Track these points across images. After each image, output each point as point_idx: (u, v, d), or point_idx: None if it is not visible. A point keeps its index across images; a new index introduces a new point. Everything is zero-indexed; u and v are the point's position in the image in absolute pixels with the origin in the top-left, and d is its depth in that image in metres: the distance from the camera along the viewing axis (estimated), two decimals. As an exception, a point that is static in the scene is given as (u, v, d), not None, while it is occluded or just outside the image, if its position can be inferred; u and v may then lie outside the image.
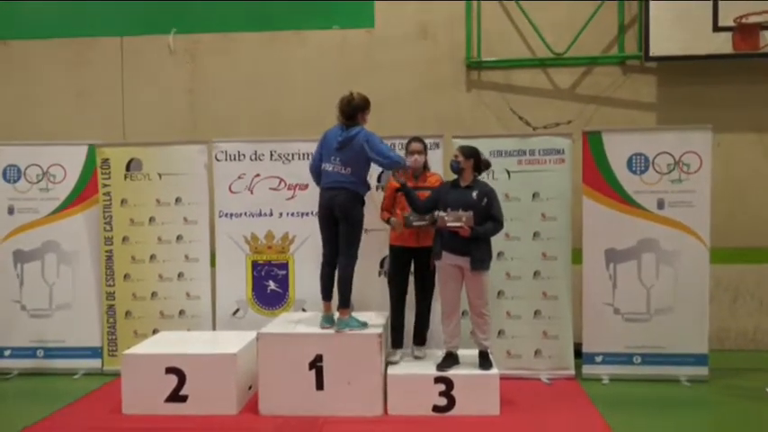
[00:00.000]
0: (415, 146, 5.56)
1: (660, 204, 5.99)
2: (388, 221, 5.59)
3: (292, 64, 7.37)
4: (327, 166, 5.31)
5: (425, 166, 5.64)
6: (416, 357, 5.54)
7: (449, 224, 5.09)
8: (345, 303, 5.31)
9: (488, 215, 5.21)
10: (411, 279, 5.66)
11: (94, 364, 6.51)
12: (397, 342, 5.55)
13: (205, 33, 7.49)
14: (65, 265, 6.59)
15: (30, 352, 6.56)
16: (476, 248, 5.15)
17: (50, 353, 6.55)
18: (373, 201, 5.86)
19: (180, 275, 6.46)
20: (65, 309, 6.57)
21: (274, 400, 5.17)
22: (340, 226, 5.26)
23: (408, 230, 5.40)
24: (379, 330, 5.23)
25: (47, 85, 7.62)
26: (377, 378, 5.14)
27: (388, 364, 5.35)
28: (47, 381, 6.34)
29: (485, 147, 5.71)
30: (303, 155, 6.25)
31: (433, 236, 5.38)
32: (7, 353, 6.58)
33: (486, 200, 5.22)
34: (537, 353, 6.04)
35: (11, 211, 6.63)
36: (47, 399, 5.80)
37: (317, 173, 5.44)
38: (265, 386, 5.19)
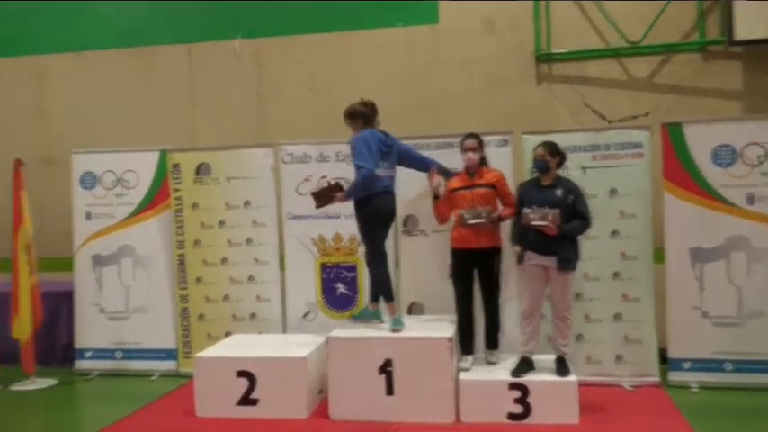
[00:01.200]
0: (469, 143, 5.37)
1: (750, 199, 5.61)
2: (444, 222, 5.47)
3: (357, 64, 7.31)
4: (380, 171, 5.31)
5: (483, 162, 5.44)
6: (489, 362, 5.36)
7: (534, 222, 4.90)
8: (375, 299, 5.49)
9: (575, 213, 5.00)
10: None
11: (170, 365, 6.61)
12: (467, 347, 5.39)
13: (270, 37, 7.51)
14: (140, 269, 6.72)
15: (109, 353, 6.72)
16: (563, 248, 4.96)
17: (128, 354, 6.70)
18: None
19: (250, 278, 6.48)
20: (141, 311, 6.70)
21: (345, 405, 5.10)
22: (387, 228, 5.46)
23: (469, 231, 5.23)
24: (449, 334, 5.09)
25: (119, 94, 7.81)
26: (448, 383, 5.00)
27: (459, 370, 5.20)
28: (125, 382, 6.49)
29: (557, 142, 5.48)
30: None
31: (492, 234, 5.23)
32: (88, 354, 6.76)
33: (572, 197, 5.02)
34: (618, 358, 5.76)
35: (88, 216, 6.81)
36: (124, 400, 5.92)
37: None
38: (335, 390, 5.14)
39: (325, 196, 5.39)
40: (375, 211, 5.34)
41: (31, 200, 6.49)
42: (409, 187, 6.00)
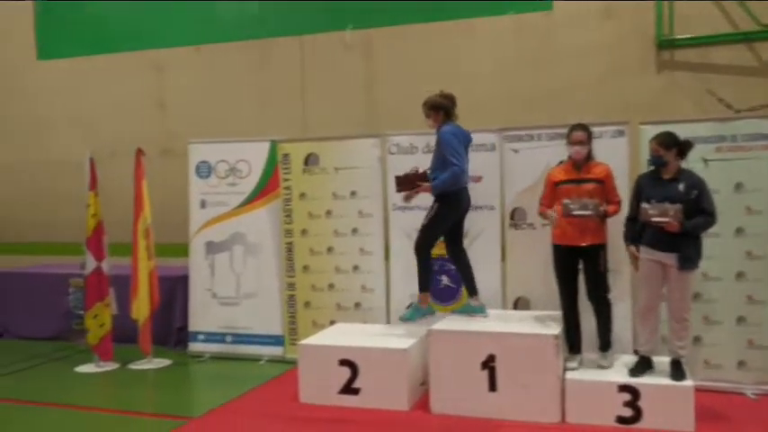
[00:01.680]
0: (577, 135, 5.11)
1: None
2: (544, 216, 5.24)
3: (466, 53, 7.18)
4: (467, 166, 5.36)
5: (589, 156, 5.18)
6: (600, 366, 5.05)
7: (654, 219, 4.64)
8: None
9: (698, 208, 4.70)
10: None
11: (277, 351, 6.76)
12: (573, 347, 5.18)
13: (380, 27, 7.51)
14: (251, 256, 6.90)
15: (220, 337, 6.95)
16: (685, 245, 4.67)
17: (238, 339, 6.90)
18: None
19: (355, 268, 6.52)
20: (251, 297, 6.89)
21: (446, 399, 5.03)
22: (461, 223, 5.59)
23: (573, 227, 5.00)
24: (556, 332, 4.91)
25: (233, 86, 8.05)
26: (554, 382, 4.83)
27: (566, 369, 5.01)
28: (234, 365, 6.69)
29: (678, 133, 5.15)
30: (476, 146, 6.04)
31: (597, 231, 4.99)
32: (201, 337, 7.02)
33: (695, 192, 4.71)
34: (741, 364, 5.37)
35: (203, 204, 7.06)
36: (234, 382, 6.11)
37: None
38: (437, 383, 5.08)
39: (409, 182, 5.43)
40: (458, 206, 5.43)
41: (151, 188, 6.80)
42: (517, 179, 5.84)
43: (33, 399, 5.72)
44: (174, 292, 7.23)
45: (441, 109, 5.44)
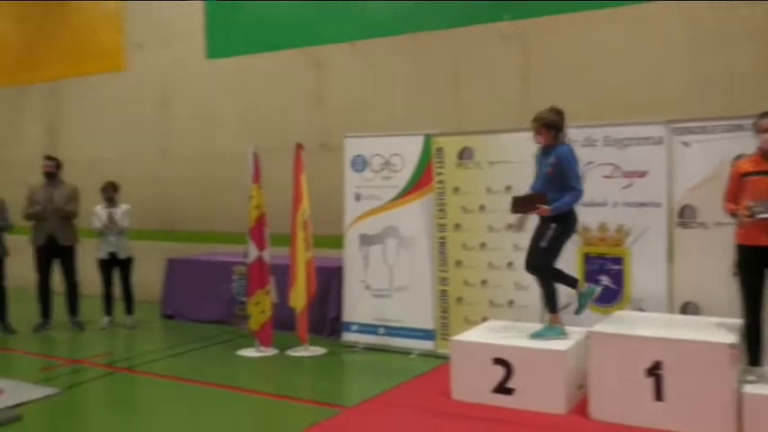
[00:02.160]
0: (767, 122, 4.67)
1: None
2: (734, 215, 4.81)
3: (627, 41, 6.79)
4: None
5: None
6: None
7: None
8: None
9: None
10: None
11: (428, 345, 6.76)
12: (753, 358, 4.75)
13: (536, 17, 7.27)
14: (403, 250, 6.94)
15: (372, 329, 7.05)
16: None
17: (390, 331, 6.97)
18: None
19: (509, 265, 6.37)
20: (403, 291, 6.93)
21: (606, 405, 4.79)
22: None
23: (758, 227, 4.56)
24: (731, 340, 4.53)
25: (388, 80, 8.12)
26: (728, 395, 4.45)
27: (744, 382, 4.60)
28: (385, 357, 6.76)
29: None
30: (640, 140, 5.72)
31: None
32: (354, 328, 7.16)
33: None
34: None
35: (358, 197, 7.18)
36: (385, 374, 6.18)
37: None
38: (596, 388, 4.85)
39: (528, 204, 5.28)
40: (574, 225, 5.37)
41: (309, 181, 7.01)
42: (687, 174, 5.46)
43: (200, 378, 6.08)
44: (329, 282, 7.42)
45: (554, 128, 5.28)
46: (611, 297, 5.89)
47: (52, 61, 10.80)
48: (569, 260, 5.99)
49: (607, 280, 5.91)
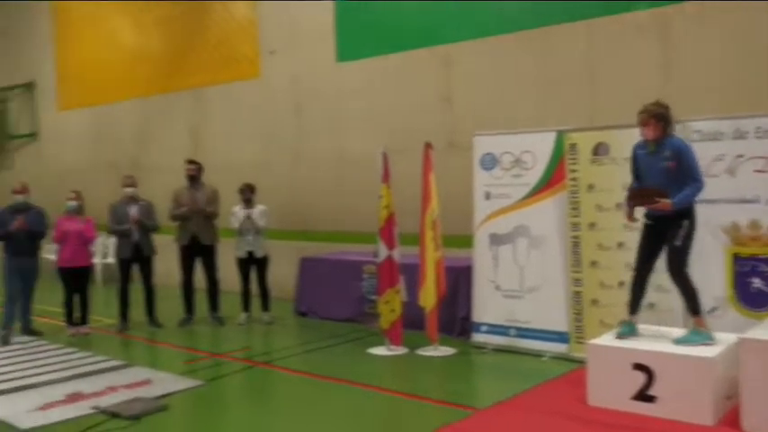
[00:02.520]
0: None
1: None
2: None
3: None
4: None
5: None
6: None
7: None
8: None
9: None
10: None
11: (561, 348, 6.55)
12: None
13: (677, 3, 6.86)
14: (534, 249, 6.76)
15: (502, 330, 6.92)
16: None
17: (521, 333, 6.81)
18: None
19: (649, 265, 6.04)
20: (534, 291, 6.75)
21: (761, 417, 4.43)
22: None
23: None
24: None
25: (517, 76, 7.95)
26: None
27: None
28: (516, 359, 6.62)
29: None
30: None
31: None
32: (484, 328, 7.06)
33: None
34: None
35: (487, 196, 7.07)
36: (516, 377, 6.06)
37: None
38: (749, 399, 4.49)
39: (646, 196, 5.04)
40: (696, 221, 5.03)
41: (438, 180, 6.97)
42: None
43: (333, 375, 6.20)
44: (458, 282, 7.36)
45: (663, 120, 5.01)
46: (765, 301, 5.44)
47: (196, 70, 11.43)
48: (715, 261, 5.63)
49: (760, 282, 5.48)
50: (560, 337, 6.57)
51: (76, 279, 7.96)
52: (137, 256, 8.24)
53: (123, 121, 12.78)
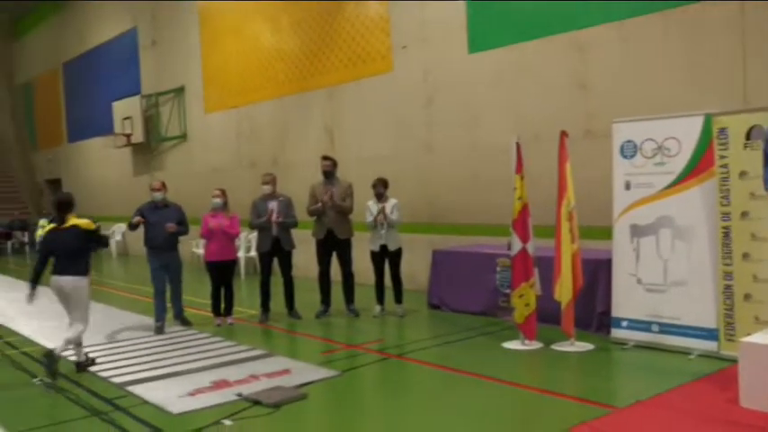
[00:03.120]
0: None
1: None
2: None
3: None
4: None
5: None
6: None
7: None
8: None
9: None
10: None
11: (710, 346, 6.16)
12: None
13: None
14: (679, 241, 6.40)
15: (645, 325, 6.60)
16: None
17: (665, 329, 6.47)
18: None
19: (811, 258, 5.55)
20: (679, 285, 6.39)
21: None
22: None
23: None
24: None
25: (659, 59, 7.52)
26: None
27: None
28: (660, 356, 6.30)
29: None
30: None
31: None
32: (624, 324, 6.76)
33: None
34: None
35: (627, 186, 6.76)
36: (659, 375, 5.77)
37: None
38: None
39: None
40: None
41: (574, 170, 6.74)
42: None
43: (466, 369, 6.15)
44: (596, 275, 7.10)
45: None
46: None
47: (330, 68, 11.73)
48: None
49: None
50: (709, 333, 6.17)
51: (222, 272, 8.39)
52: (277, 250, 8.56)
53: (263, 121, 13.36)
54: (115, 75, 18.46)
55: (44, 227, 19.74)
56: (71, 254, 6.36)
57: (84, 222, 6.52)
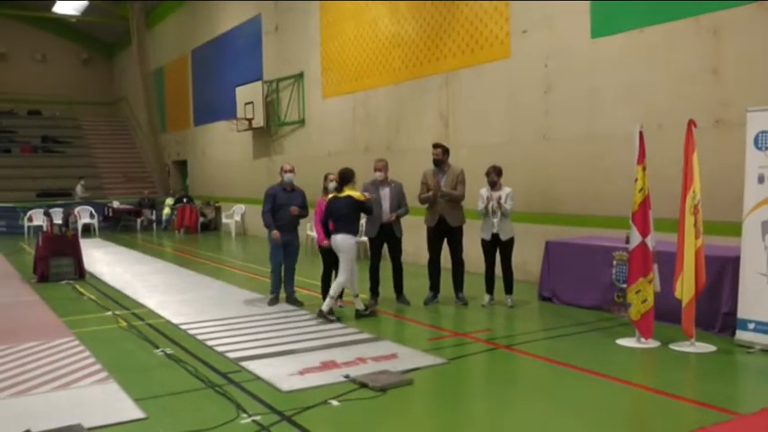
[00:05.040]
0: None
1: None
2: None
3: None
4: None
5: None
6: None
7: None
8: None
9: None
10: None
11: None
12: None
13: None
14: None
15: (774, 329, 6.17)
16: None
17: (798, 334, 6.02)
18: None
19: None
20: (816, 289, 5.92)
21: None
22: None
23: None
24: None
25: None
26: None
27: None
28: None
29: None
30: None
31: None
32: (751, 326, 6.34)
33: None
34: None
35: (761, 179, 6.31)
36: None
37: None
38: None
39: None
40: None
41: (701, 161, 6.36)
42: None
43: (577, 364, 5.97)
44: (722, 273, 6.69)
45: None
46: None
47: (447, 54, 11.64)
48: None
49: None
50: None
51: (334, 256, 8.54)
52: (387, 236, 8.61)
53: (378, 107, 13.45)
54: (239, 61, 19.16)
55: (170, 205, 20.98)
56: (345, 217, 7.80)
57: (356, 194, 7.84)
